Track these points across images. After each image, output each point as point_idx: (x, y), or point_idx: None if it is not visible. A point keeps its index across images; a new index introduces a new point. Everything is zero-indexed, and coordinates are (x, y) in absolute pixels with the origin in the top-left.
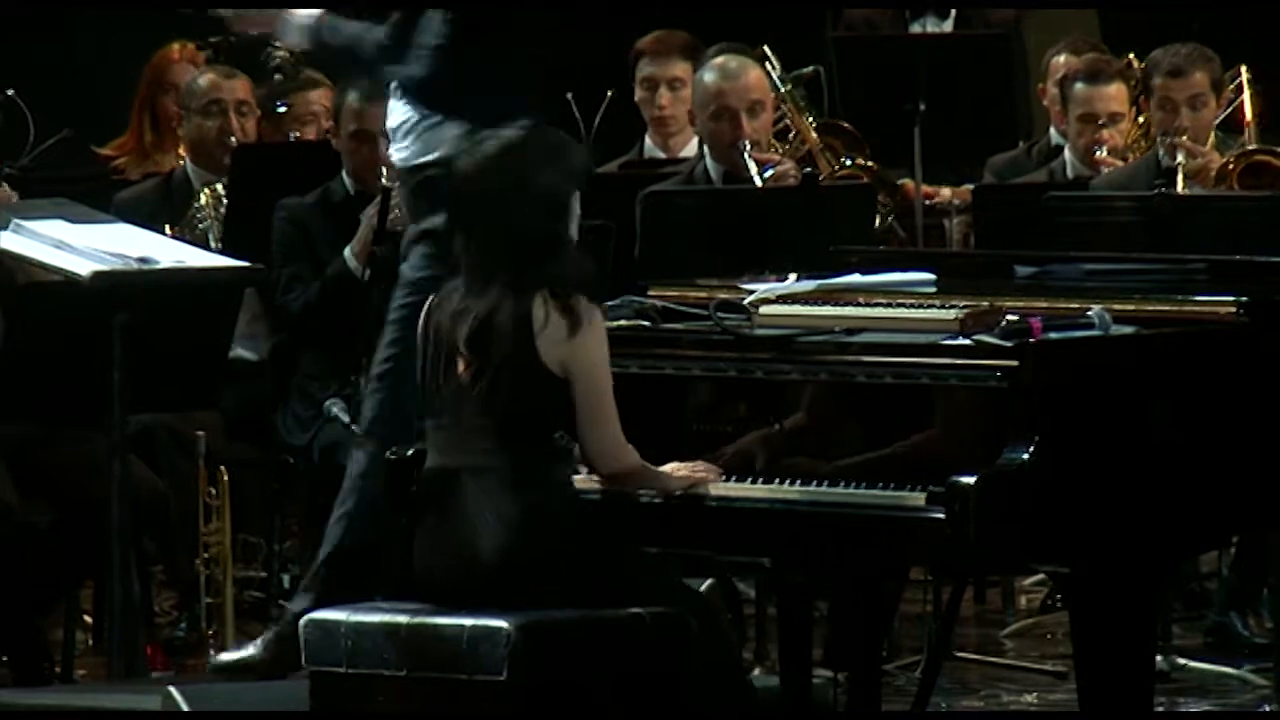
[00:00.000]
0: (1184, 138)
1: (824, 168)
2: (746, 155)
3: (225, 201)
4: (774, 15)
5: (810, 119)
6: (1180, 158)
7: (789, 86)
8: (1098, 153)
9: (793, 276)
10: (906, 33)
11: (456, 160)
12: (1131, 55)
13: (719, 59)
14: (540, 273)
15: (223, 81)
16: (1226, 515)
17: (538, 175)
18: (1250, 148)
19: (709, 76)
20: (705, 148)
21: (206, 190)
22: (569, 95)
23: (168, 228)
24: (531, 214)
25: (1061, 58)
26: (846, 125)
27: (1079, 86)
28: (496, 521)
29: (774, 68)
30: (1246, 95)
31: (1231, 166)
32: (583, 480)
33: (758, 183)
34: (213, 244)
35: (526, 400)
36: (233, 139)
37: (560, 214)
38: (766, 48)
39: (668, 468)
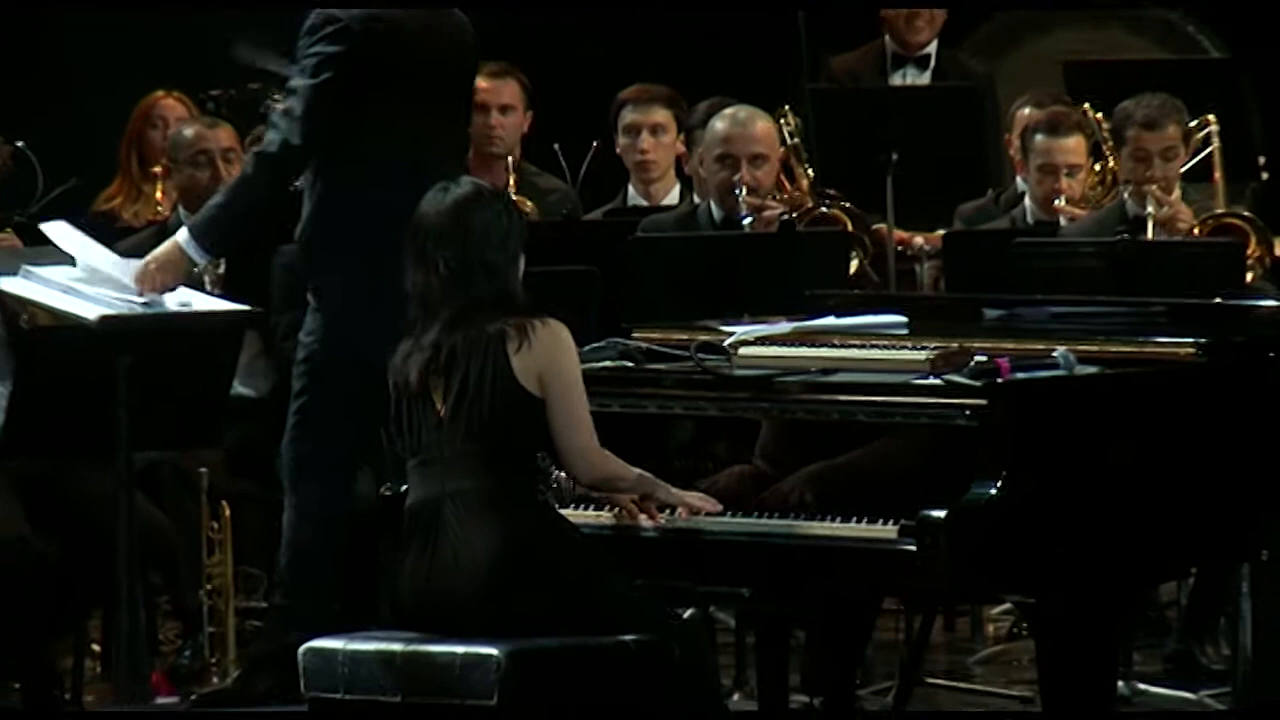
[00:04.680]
0: (1154, 187)
1: (812, 212)
2: (740, 199)
3: None
4: (754, 68)
5: (809, 170)
6: (1150, 207)
7: (797, 141)
8: (1057, 201)
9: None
10: (881, 86)
11: (427, 203)
12: (1087, 105)
13: (731, 109)
14: (501, 303)
15: (208, 132)
16: (1185, 548)
17: (502, 219)
18: (1219, 211)
19: (719, 124)
20: (710, 191)
21: None
22: (556, 146)
23: None
24: (492, 249)
25: (1026, 110)
26: (834, 192)
27: (1039, 138)
28: (480, 542)
29: (788, 124)
30: (1215, 146)
31: (1198, 230)
32: (575, 515)
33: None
34: (207, 286)
35: (505, 422)
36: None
37: (512, 248)
38: (787, 107)
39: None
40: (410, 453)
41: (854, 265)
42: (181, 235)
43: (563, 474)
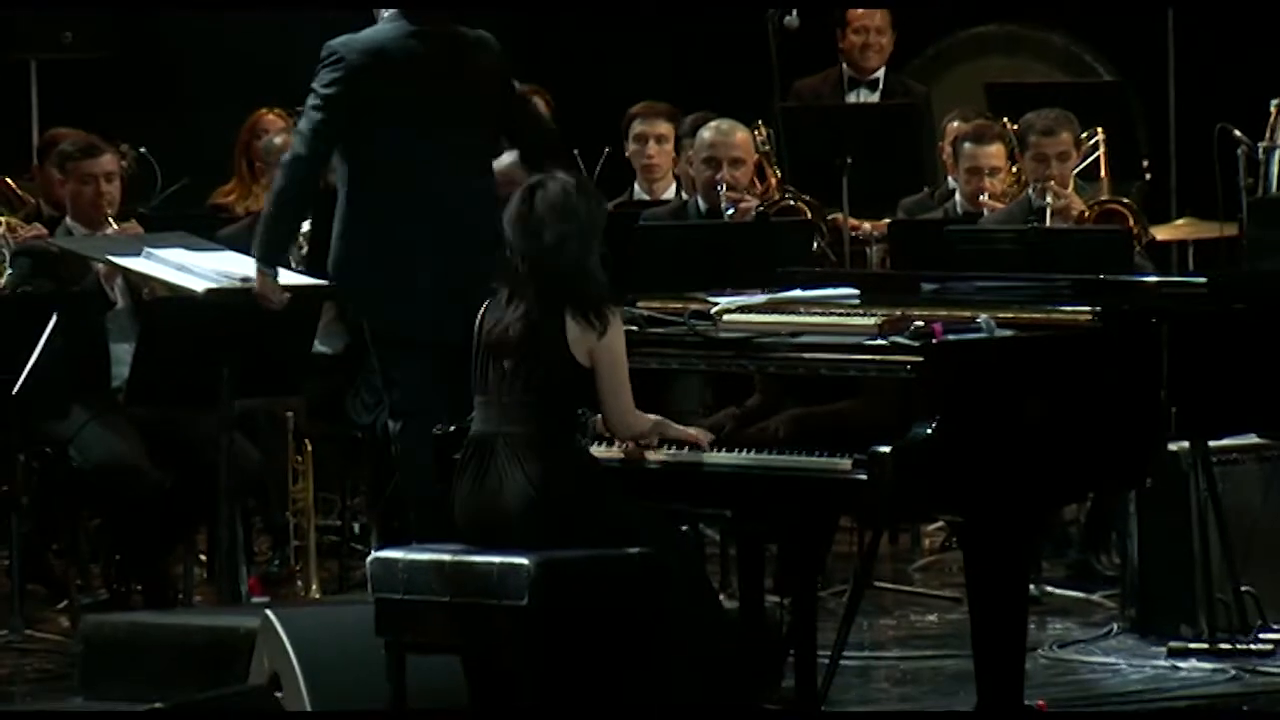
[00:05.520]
0: (1052, 183)
1: (779, 204)
2: (722, 194)
3: (303, 234)
4: (736, 89)
5: (777, 171)
6: (1049, 199)
7: (768, 148)
8: (981, 197)
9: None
10: (838, 103)
11: (519, 198)
12: (1005, 119)
13: (716, 121)
14: (575, 286)
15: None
16: (1085, 476)
17: (582, 212)
18: (1103, 198)
19: (706, 134)
20: (697, 187)
21: None
22: (575, 151)
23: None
24: (578, 241)
25: (955, 123)
26: (792, 189)
27: (967, 146)
28: (521, 476)
29: (760, 134)
30: (1102, 151)
31: (1087, 214)
32: (599, 450)
33: (726, 216)
34: (292, 265)
35: (557, 384)
36: None
37: (595, 241)
38: (761, 121)
39: (677, 426)
40: (479, 392)
41: (814, 248)
42: (253, 262)
43: (597, 419)
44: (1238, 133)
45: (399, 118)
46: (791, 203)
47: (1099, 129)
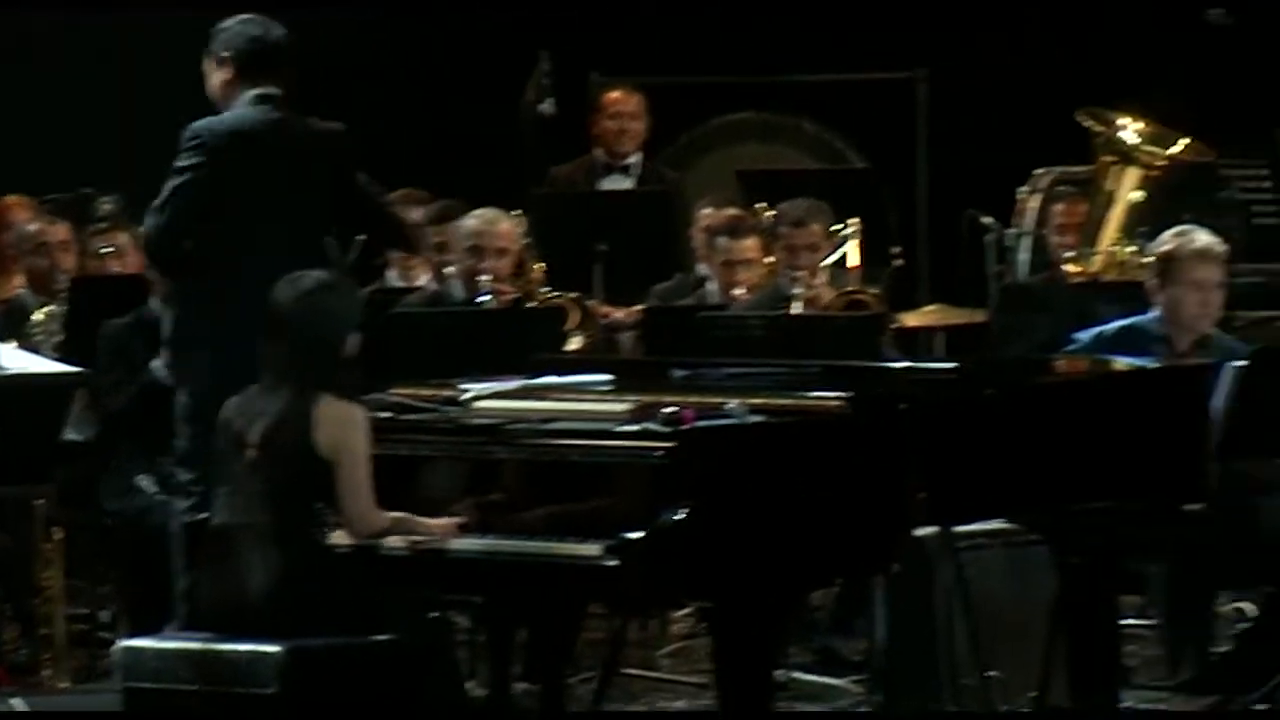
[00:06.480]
0: (803, 273)
1: (539, 296)
2: (484, 284)
3: (59, 321)
4: (488, 174)
5: (539, 263)
6: (798, 289)
7: (529, 239)
8: (736, 290)
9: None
10: (592, 190)
11: (277, 290)
12: (759, 205)
13: (480, 210)
14: (324, 379)
15: (46, 227)
16: (833, 562)
17: (337, 308)
18: (849, 289)
19: (470, 222)
20: (457, 274)
21: (41, 312)
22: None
23: (14, 342)
24: (328, 335)
25: (707, 210)
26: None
27: (721, 240)
28: (264, 568)
29: (521, 225)
30: (855, 242)
31: (830, 305)
32: (342, 537)
33: (489, 304)
34: (46, 353)
35: (298, 475)
36: (61, 274)
37: (349, 333)
38: (521, 210)
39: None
40: (222, 482)
41: (580, 344)
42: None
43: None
44: (986, 219)
45: (243, 202)
46: (557, 298)
47: (856, 218)
